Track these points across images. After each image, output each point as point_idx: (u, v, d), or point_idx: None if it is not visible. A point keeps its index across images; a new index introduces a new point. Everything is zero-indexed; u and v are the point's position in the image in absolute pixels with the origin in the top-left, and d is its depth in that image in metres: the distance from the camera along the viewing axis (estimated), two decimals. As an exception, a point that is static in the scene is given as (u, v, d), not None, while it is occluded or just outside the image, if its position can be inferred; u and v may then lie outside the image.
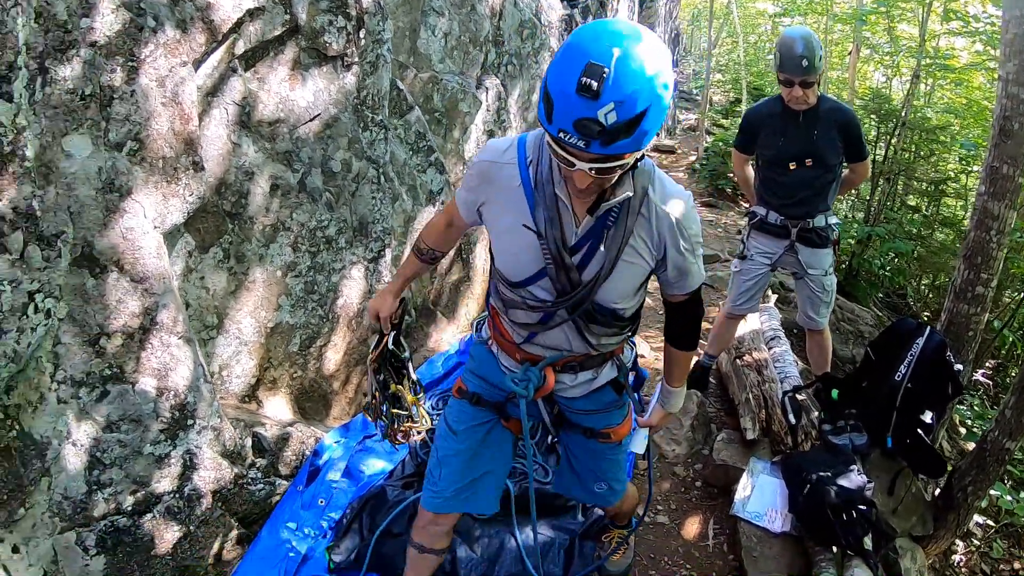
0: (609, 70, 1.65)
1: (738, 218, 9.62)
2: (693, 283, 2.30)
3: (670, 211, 2.11)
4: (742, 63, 17.02)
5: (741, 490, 3.98)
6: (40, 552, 2.86)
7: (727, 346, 5.13)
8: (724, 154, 11.34)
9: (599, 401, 2.59)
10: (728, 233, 8.94)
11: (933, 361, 3.94)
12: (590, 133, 1.71)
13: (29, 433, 2.73)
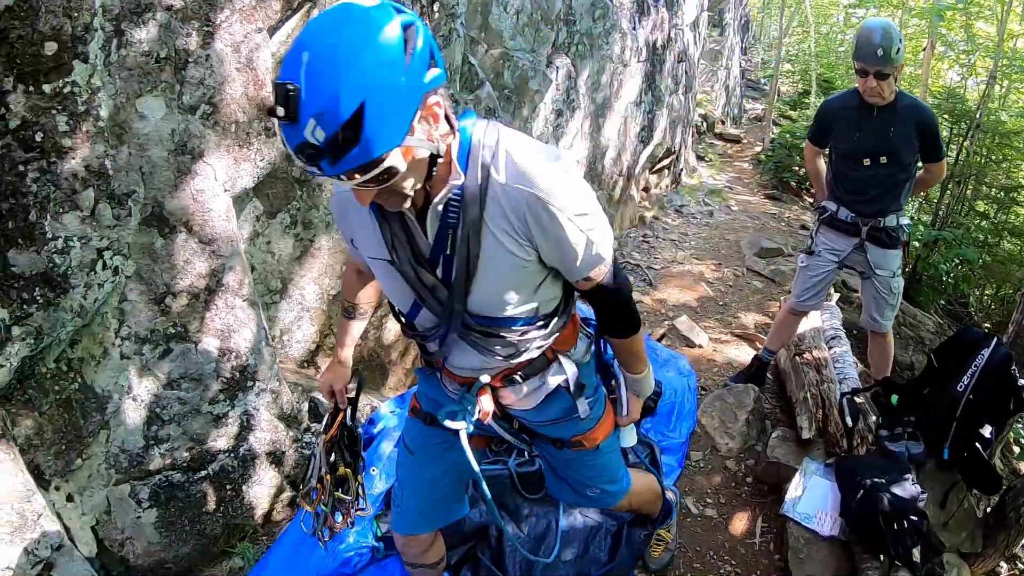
0: (299, 84, 1.39)
1: (801, 212, 9.43)
2: (589, 266, 1.87)
3: (524, 185, 1.70)
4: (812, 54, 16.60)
5: (792, 490, 3.89)
6: (94, 502, 2.93)
7: (787, 342, 5.02)
8: (790, 146, 11.10)
9: (556, 409, 2.26)
10: (791, 227, 8.76)
11: (997, 374, 3.79)
12: (311, 157, 1.44)
13: (91, 386, 2.79)
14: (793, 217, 9.24)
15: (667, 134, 9.02)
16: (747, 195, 10.26)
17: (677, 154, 9.77)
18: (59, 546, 2.79)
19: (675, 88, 9.37)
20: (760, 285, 6.95)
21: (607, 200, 7.23)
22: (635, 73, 7.62)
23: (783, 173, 11.02)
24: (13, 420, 2.64)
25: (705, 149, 12.48)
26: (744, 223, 8.72)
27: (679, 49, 9.21)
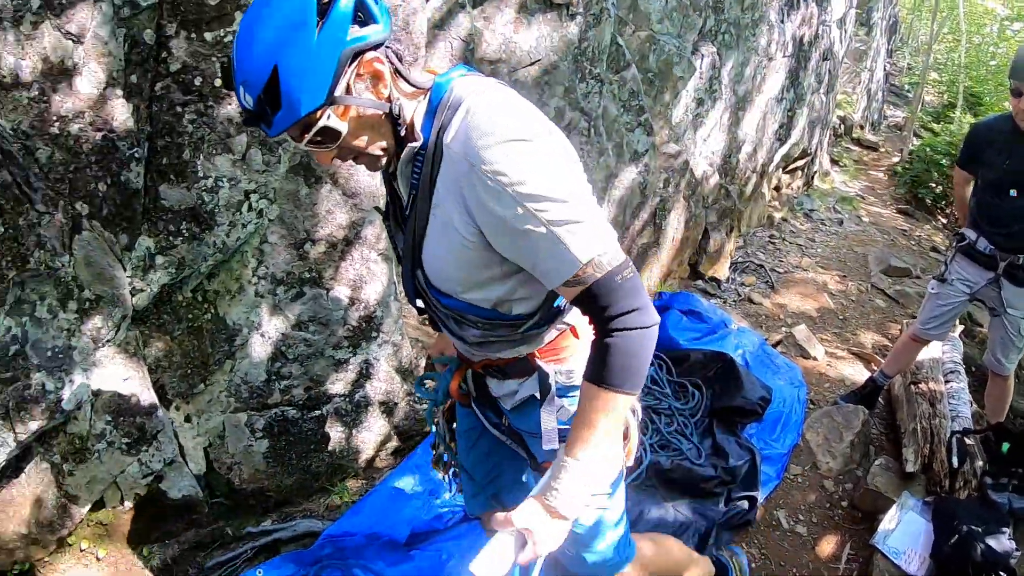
0: (233, 53, 1.45)
1: (933, 233, 8.97)
2: (555, 271, 1.51)
3: (464, 150, 1.46)
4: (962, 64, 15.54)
5: (887, 522, 3.75)
6: (209, 426, 3.08)
7: (905, 369, 4.82)
8: (929, 161, 10.52)
9: (529, 420, 1.94)
10: (922, 248, 8.35)
11: (1118, 439, 3.60)
12: (251, 120, 1.47)
13: (223, 318, 2.91)
14: (924, 237, 8.80)
15: (805, 134, 8.71)
16: (879, 207, 9.82)
17: (812, 156, 9.43)
18: (171, 461, 2.97)
19: (817, 87, 9.02)
20: (883, 304, 6.67)
21: (738, 196, 7.07)
22: (779, 68, 7.36)
23: (919, 188, 10.47)
24: (146, 341, 2.80)
25: (840, 153, 12.00)
26: (873, 236, 8.35)
27: (825, 46, 8.84)
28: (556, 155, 1.50)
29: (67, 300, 2.46)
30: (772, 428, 4.48)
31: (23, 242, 2.31)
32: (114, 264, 2.54)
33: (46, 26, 2.23)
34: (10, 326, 2.36)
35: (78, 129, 2.37)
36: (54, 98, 2.31)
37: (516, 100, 1.56)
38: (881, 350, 5.73)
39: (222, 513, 3.22)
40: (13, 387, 2.42)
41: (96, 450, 2.75)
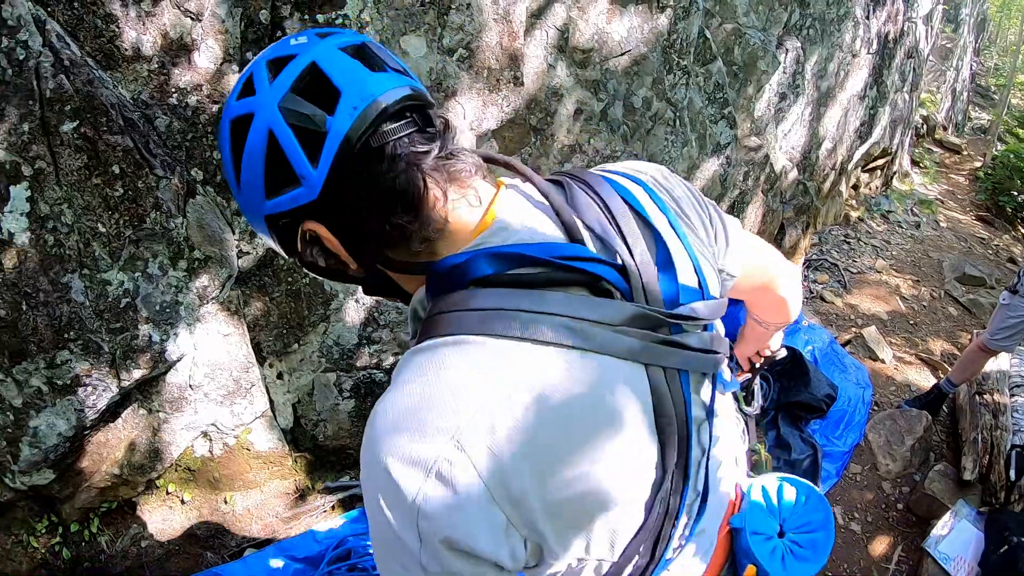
0: None
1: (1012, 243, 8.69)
2: None
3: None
4: (1053, 67, 15.04)
5: (940, 527, 3.77)
6: (300, 383, 3.21)
7: (971, 378, 4.76)
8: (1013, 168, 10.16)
9: None
10: (999, 258, 8.11)
11: None
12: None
13: (320, 283, 3.03)
14: (1002, 247, 8.55)
15: (886, 133, 8.50)
16: (958, 212, 9.56)
17: (893, 156, 9.20)
18: (261, 414, 3.10)
19: (901, 85, 8.78)
20: (955, 312, 6.53)
21: (816, 192, 6.96)
22: (863, 65, 7.20)
23: (1000, 196, 10.12)
24: (246, 300, 2.92)
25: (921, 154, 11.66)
26: (950, 242, 8.15)
27: (910, 44, 8.59)
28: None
29: (178, 259, 2.60)
30: (835, 426, 4.50)
31: (141, 203, 2.44)
32: (224, 228, 2.66)
33: (166, 4, 2.33)
34: (123, 280, 2.50)
35: (196, 101, 2.49)
36: (173, 71, 2.42)
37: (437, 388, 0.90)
38: (949, 358, 5.65)
39: (304, 467, 3.35)
40: (121, 336, 2.55)
41: (192, 400, 2.89)
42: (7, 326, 2.35)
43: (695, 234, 1.18)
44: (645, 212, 1.09)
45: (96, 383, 2.55)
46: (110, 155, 2.33)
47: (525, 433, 0.87)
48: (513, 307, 0.91)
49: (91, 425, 2.63)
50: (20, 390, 2.44)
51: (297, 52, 0.95)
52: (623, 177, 1.17)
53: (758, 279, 1.43)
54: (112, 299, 2.49)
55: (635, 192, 1.13)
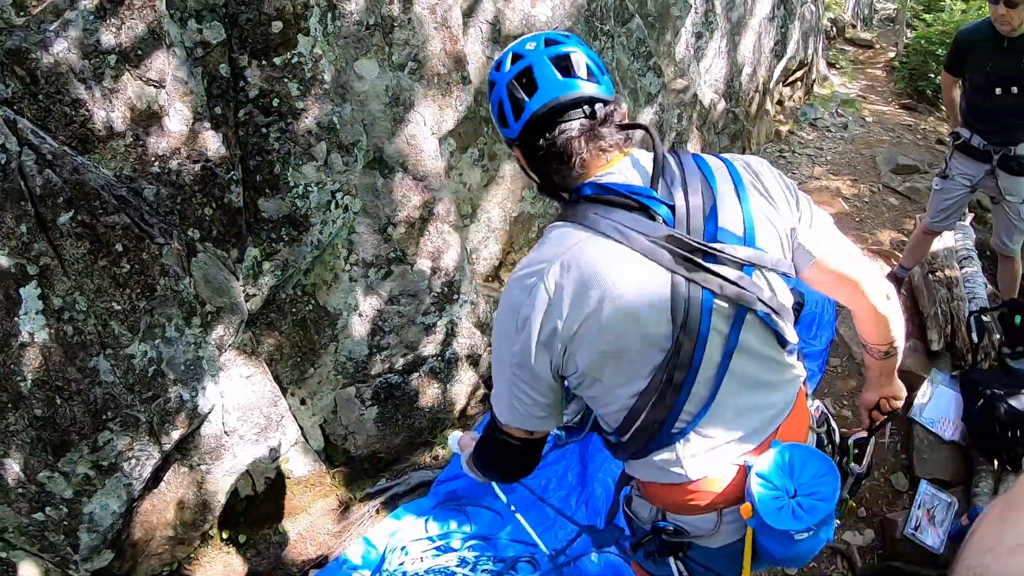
0: None
1: (937, 124, 8.93)
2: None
3: None
4: (948, -51, 15.31)
5: (920, 396, 4.02)
6: (322, 404, 3.33)
7: (921, 260, 5.01)
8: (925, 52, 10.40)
9: None
10: (927, 141, 8.34)
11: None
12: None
13: (323, 307, 3.15)
14: (929, 129, 8.78)
15: (800, 46, 8.69)
16: (881, 105, 9.77)
17: (809, 64, 9.40)
18: (294, 442, 3.22)
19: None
20: (896, 202, 6.77)
21: (745, 116, 7.14)
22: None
23: (918, 81, 10.33)
24: (258, 340, 3.03)
25: (836, 56, 11.86)
26: (879, 136, 8.36)
27: (809, -44, 8.81)
28: (515, 294, 1.52)
29: (191, 317, 2.69)
30: (809, 328, 4.73)
31: (148, 274, 2.52)
32: (229, 277, 2.76)
33: (127, 77, 2.38)
34: (146, 350, 2.58)
35: (177, 164, 2.56)
36: (149, 141, 2.48)
37: (537, 264, 1.50)
38: (898, 246, 5.87)
39: (342, 481, 3.49)
40: (155, 404, 2.64)
41: (229, 445, 2.99)
42: (45, 423, 2.40)
43: (771, 205, 1.56)
44: (712, 177, 1.53)
45: (139, 454, 2.63)
46: (110, 235, 2.41)
47: (579, 279, 1.43)
48: (592, 213, 1.47)
49: (139, 495, 2.72)
50: (68, 481, 2.50)
51: (525, 55, 1.54)
52: (713, 156, 1.62)
53: (841, 268, 1.67)
54: (139, 371, 2.57)
55: (712, 164, 1.57)
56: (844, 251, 1.67)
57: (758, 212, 1.53)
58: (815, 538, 1.55)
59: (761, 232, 1.52)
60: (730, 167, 1.57)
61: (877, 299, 1.73)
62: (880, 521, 3.57)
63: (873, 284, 1.71)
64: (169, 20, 2.46)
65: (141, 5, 2.35)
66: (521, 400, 1.57)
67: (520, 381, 1.55)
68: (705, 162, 1.57)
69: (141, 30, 2.37)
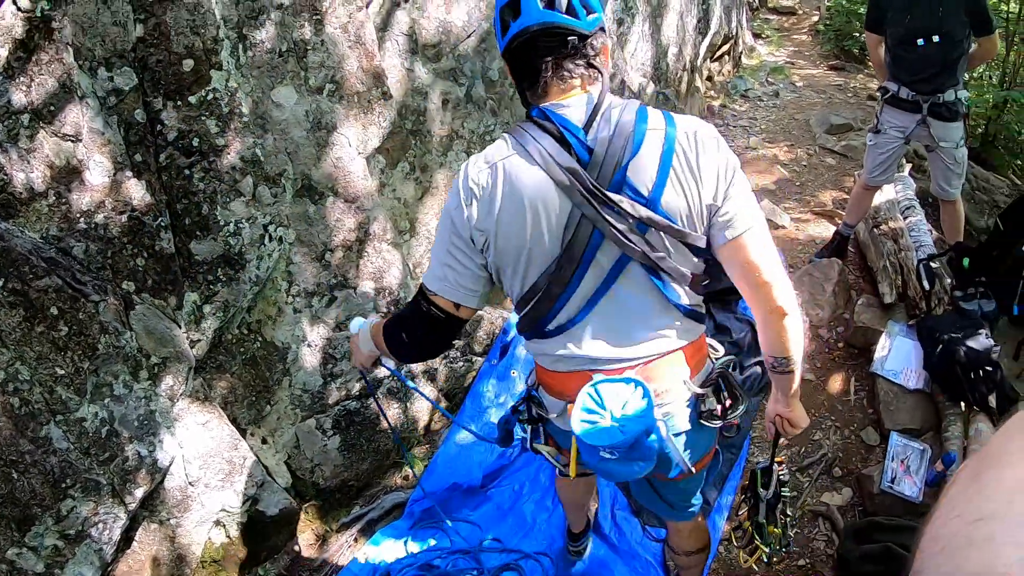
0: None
1: (867, 80, 9.09)
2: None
3: None
4: (859, -93, 15.63)
5: (880, 350, 4.12)
6: (284, 440, 3.30)
7: (864, 216, 5.11)
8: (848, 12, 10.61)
9: None
10: (859, 98, 8.50)
11: (1060, 232, 3.90)
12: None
13: (271, 342, 3.12)
14: (859, 87, 8.95)
15: (722, 20, 8.81)
16: (810, 68, 9.94)
17: (735, 38, 9.54)
18: (262, 483, 3.18)
19: (725, -28, 9.11)
20: (833, 162, 6.90)
21: (675, 96, 7.21)
22: (686, -33, 7.48)
23: (844, 41, 10.54)
24: (210, 384, 3.00)
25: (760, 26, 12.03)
26: (811, 99, 8.52)
27: (724, -69, 8.93)
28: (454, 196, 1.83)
29: (138, 371, 2.65)
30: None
31: (88, 333, 2.47)
32: (170, 325, 2.72)
33: (42, 135, 2.34)
34: (96, 411, 2.53)
35: (103, 218, 2.52)
36: (71, 197, 2.44)
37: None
38: (841, 204, 5.99)
39: (316, 513, 3.46)
40: (114, 464, 2.59)
41: (195, 495, 2.95)
42: (5, 499, 2.35)
43: (694, 178, 1.70)
44: (641, 137, 1.69)
45: (105, 517, 2.58)
46: (43, 299, 2.36)
47: (501, 185, 1.72)
48: (529, 133, 1.73)
49: (112, 559, 2.67)
50: (38, 555, 2.44)
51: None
52: (665, 117, 1.75)
53: (755, 262, 1.77)
54: (93, 433, 2.53)
55: (651, 124, 1.72)
56: (764, 251, 1.76)
57: (674, 180, 1.70)
58: (626, 465, 1.73)
59: (669, 198, 1.70)
60: (669, 135, 1.70)
61: (781, 305, 1.80)
62: (857, 478, 3.64)
63: (781, 294, 1.79)
64: (79, 71, 2.41)
65: (49, 59, 2.31)
66: (454, 269, 1.82)
67: (455, 249, 1.81)
68: (645, 121, 1.72)
69: (51, 85, 2.33)
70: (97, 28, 2.42)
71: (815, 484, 3.64)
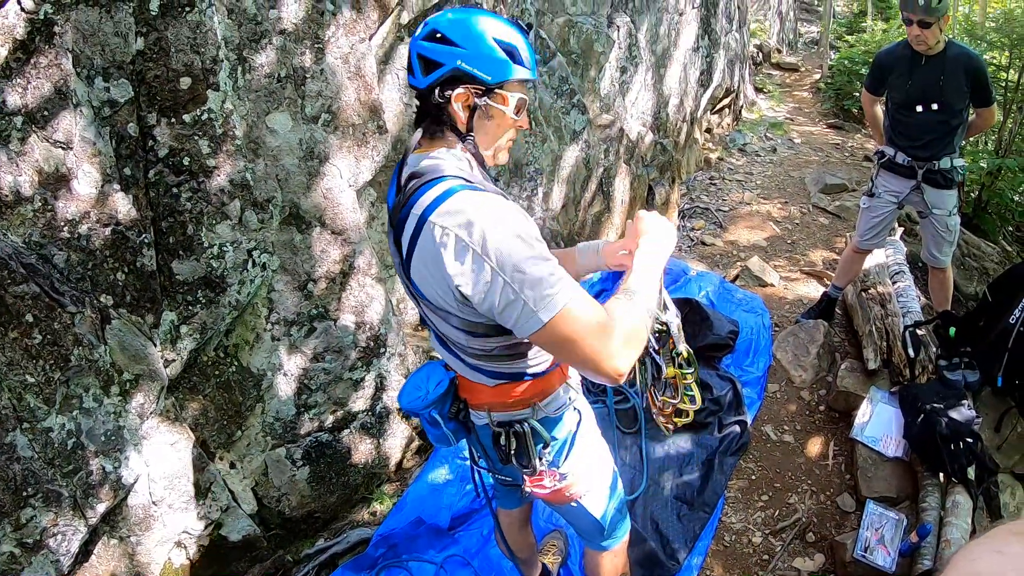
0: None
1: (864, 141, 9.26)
2: None
3: None
4: (866, -27, 16.00)
5: (861, 416, 4.14)
6: (252, 467, 3.29)
7: (853, 279, 5.18)
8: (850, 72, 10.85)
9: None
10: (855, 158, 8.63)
11: (1048, 307, 3.93)
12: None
13: (246, 367, 3.12)
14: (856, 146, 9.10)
15: (725, 74, 8.98)
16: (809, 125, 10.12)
17: (736, 91, 9.70)
18: (226, 508, 3.17)
19: (730, 27, 9.29)
20: (826, 221, 6.99)
21: (673, 147, 7.31)
22: (691, 20, 7.63)
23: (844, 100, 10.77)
24: (182, 405, 2.99)
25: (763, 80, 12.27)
26: (807, 157, 8.65)
27: (731, -13, 9.14)
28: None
29: (109, 386, 2.64)
30: (745, 355, 4.84)
31: (61, 344, 2.47)
32: (145, 343, 2.72)
33: (34, 139, 2.35)
34: (64, 422, 2.52)
35: (87, 229, 2.52)
36: (57, 205, 2.44)
37: None
38: (830, 265, 6.06)
39: (280, 543, 3.44)
40: (77, 477, 2.58)
41: (158, 515, 2.93)
42: (-35, 504, 2.34)
43: (431, 265, 1.65)
44: (410, 207, 1.69)
45: (65, 529, 2.57)
46: (19, 306, 2.36)
47: None
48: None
49: (69, 571, 2.64)
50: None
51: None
52: (431, 207, 1.64)
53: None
54: (58, 444, 2.52)
55: (417, 205, 1.67)
56: (561, 346, 1.64)
57: (416, 256, 1.70)
58: (440, 435, 2.08)
59: (416, 269, 1.72)
60: (421, 220, 1.65)
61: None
62: (830, 544, 3.63)
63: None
64: (76, 78, 2.44)
65: (47, 64, 2.33)
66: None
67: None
68: (417, 198, 1.68)
69: (48, 89, 2.35)
70: (98, 37, 2.45)
71: (787, 548, 3.63)
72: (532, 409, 2.04)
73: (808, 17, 20.35)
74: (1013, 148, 7.41)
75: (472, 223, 1.56)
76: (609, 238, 5.94)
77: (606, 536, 2.44)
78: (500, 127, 1.87)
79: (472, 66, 1.72)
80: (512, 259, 1.55)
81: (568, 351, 1.62)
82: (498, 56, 1.74)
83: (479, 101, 1.77)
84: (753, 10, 12.85)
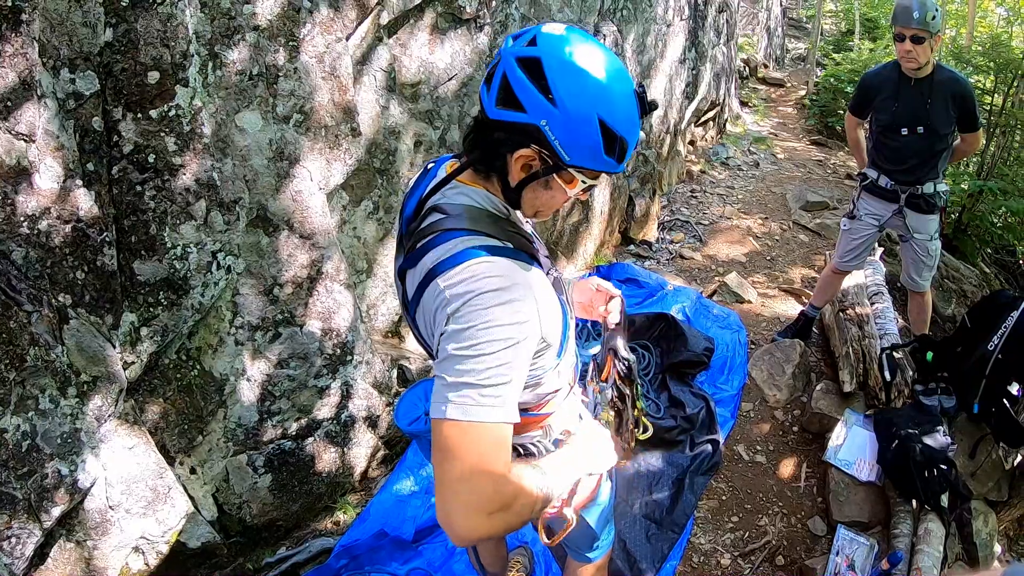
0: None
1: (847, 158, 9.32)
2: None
3: None
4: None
5: (834, 438, 4.14)
6: (214, 472, 3.24)
7: (831, 299, 5.19)
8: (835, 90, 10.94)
9: None
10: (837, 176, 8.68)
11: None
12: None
13: (209, 372, 3.07)
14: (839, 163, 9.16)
15: (711, 87, 9.00)
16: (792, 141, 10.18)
17: (721, 104, 9.74)
18: (186, 514, 3.11)
19: (717, 40, 9.32)
20: (806, 239, 7.02)
21: (656, 158, 7.31)
22: (678, 32, 7.64)
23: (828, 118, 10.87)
24: (141, 408, 2.94)
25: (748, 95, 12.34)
26: (790, 172, 8.69)
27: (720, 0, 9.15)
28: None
29: (66, 387, 2.58)
30: (720, 373, 4.83)
31: (17, 343, 2.41)
32: (104, 344, 2.66)
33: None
34: (18, 423, 2.46)
35: (47, 225, 2.46)
36: (17, 199, 2.38)
37: None
38: (809, 283, 6.08)
39: (240, 550, 3.38)
40: (31, 480, 2.51)
41: (115, 519, 2.86)
42: (-88, 503, 2.27)
43: (426, 319, 1.58)
44: (423, 260, 1.57)
45: (19, 532, 2.50)
46: (-27, 303, 2.31)
47: None
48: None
49: (23, 575, 2.58)
50: None
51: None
52: (443, 249, 1.55)
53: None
54: (12, 445, 2.45)
55: (438, 255, 1.54)
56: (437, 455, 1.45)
57: (421, 306, 1.60)
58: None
59: (419, 314, 1.63)
60: (428, 276, 1.54)
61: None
62: (799, 568, 3.62)
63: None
64: (42, 69, 2.38)
65: (13, 52, 2.27)
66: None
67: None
68: (430, 248, 1.57)
69: (12, 79, 2.29)
70: (66, 27, 2.40)
71: (756, 571, 3.62)
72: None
73: (796, 34, 20.56)
74: (995, 171, 7.49)
75: (469, 298, 1.44)
76: (587, 248, 5.94)
77: (596, 546, 2.39)
78: (554, 200, 1.64)
79: (556, 135, 1.45)
80: (477, 344, 1.41)
81: (438, 466, 1.42)
82: (594, 141, 1.47)
83: (542, 172, 1.55)
84: (742, 24, 12.92)
